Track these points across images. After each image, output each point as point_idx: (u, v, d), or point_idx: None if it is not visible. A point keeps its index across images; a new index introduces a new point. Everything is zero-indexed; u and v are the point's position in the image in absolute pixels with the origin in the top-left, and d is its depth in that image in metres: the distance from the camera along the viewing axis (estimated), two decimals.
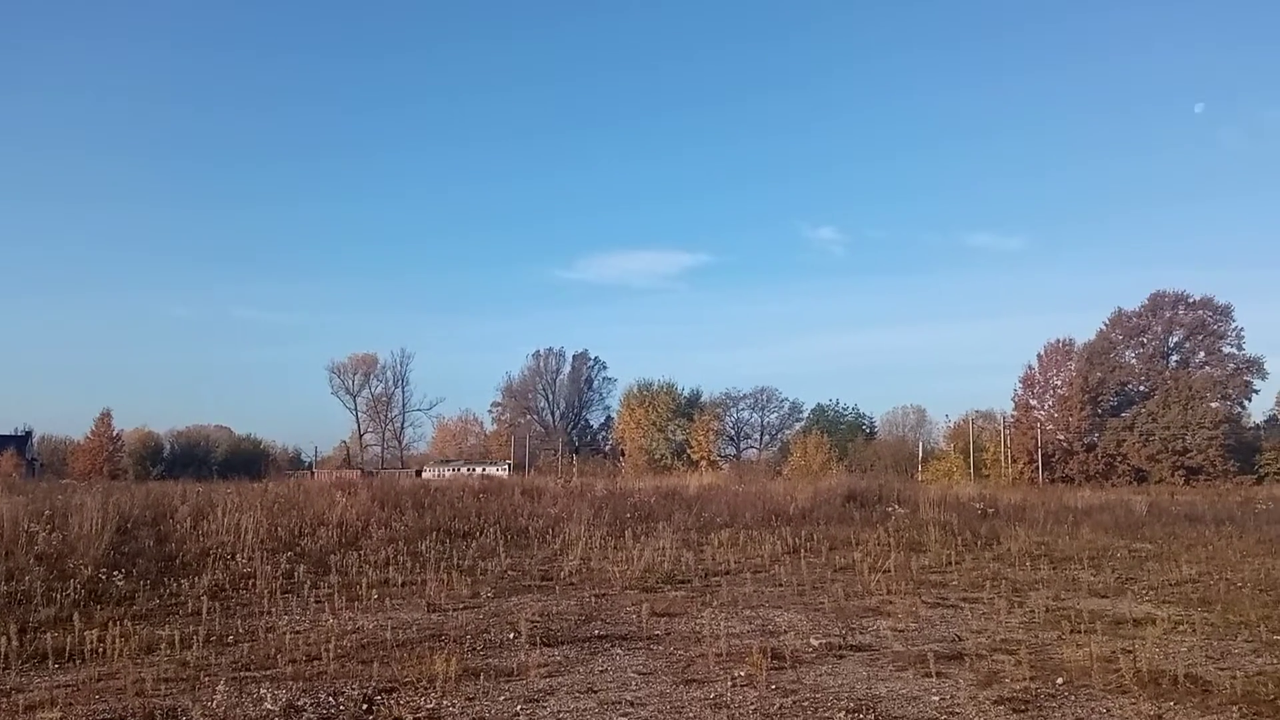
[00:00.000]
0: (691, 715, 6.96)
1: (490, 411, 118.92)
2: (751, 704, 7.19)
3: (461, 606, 11.67)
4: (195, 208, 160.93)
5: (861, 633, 10.25)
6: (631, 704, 7.25)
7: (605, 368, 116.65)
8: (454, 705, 7.11)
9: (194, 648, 8.86)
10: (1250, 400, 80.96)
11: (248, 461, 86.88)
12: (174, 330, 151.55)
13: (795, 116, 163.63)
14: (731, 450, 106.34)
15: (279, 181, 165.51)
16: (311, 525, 18.26)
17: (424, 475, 65.41)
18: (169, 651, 8.72)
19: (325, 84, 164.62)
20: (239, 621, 10.52)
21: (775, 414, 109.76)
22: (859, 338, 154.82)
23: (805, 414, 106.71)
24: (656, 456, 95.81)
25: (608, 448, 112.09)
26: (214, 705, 6.91)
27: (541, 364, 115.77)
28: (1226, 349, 79.39)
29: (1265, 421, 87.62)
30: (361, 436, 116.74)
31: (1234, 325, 79.07)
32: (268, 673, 8.07)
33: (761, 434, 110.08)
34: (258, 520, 17.53)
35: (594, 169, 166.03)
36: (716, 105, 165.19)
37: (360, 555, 15.60)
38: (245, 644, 9.31)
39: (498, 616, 10.94)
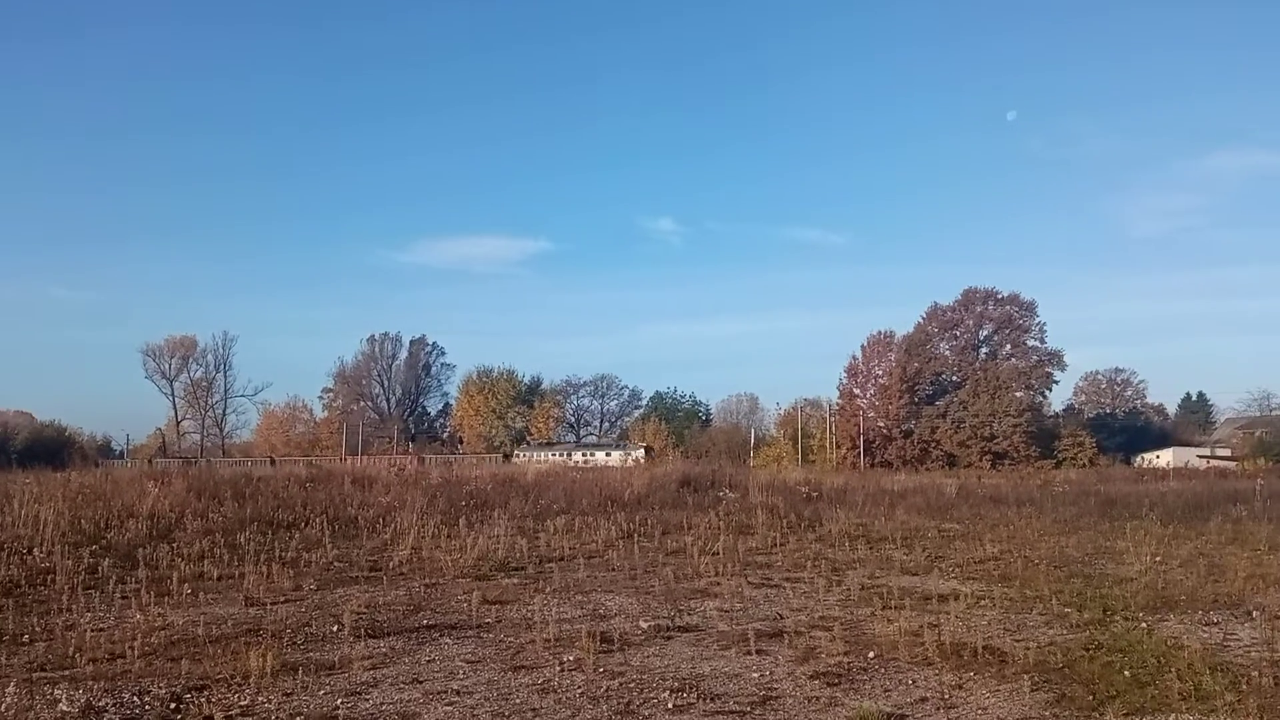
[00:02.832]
0: (518, 701, 6.96)
1: (321, 398, 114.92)
2: (579, 687, 7.26)
3: (282, 600, 11.23)
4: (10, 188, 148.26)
5: (689, 614, 10.51)
6: (458, 693, 7.19)
7: (444, 354, 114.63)
8: (270, 701, 6.86)
9: None
10: (1051, 390, 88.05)
11: (51, 450, 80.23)
12: None
13: (637, 107, 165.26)
14: (572, 437, 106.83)
15: (99, 160, 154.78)
16: (120, 517, 17.15)
17: (514, 459, 59.56)
18: None
19: (149, 61, 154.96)
20: (35, 619, 9.77)
21: (615, 401, 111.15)
22: (697, 327, 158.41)
23: (644, 401, 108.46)
24: (496, 444, 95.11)
25: (446, 435, 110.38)
26: (2, 709, 6.42)
27: (377, 349, 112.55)
28: (1031, 342, 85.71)
29: (1064, 410, 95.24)
30: (180, 423, 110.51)
31: (1037, 320, 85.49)
32: (65, 673, 7.56)
33: (601, 421, 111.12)
34: (59, 512, 16.38)
35: (430, 153, 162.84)
36: (555, 91, 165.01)
37: (173, 548, 14.74)
38: (41, 643, 8.69)
39: (321, 609, 10.60)
